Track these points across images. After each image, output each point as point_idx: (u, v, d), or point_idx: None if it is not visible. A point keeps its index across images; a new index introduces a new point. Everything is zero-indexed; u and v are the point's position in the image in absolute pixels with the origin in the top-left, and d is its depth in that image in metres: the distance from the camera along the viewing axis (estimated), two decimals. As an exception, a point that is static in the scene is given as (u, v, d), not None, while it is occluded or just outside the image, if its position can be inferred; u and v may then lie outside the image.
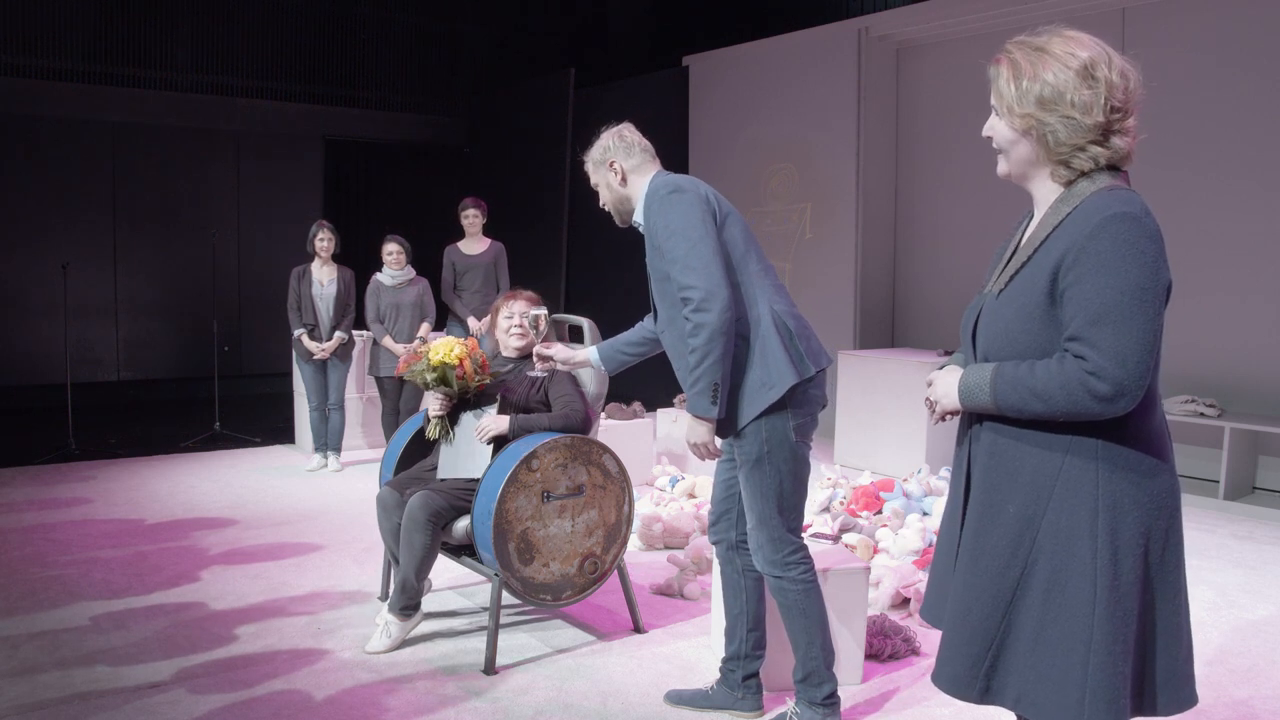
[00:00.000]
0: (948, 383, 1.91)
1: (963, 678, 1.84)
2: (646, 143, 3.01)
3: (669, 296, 2.83)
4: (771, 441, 2.77)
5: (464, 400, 3.76)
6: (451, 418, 3.77)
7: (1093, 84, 1.74)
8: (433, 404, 3.74)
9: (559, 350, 3.32)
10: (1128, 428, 1.74)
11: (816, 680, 2.86)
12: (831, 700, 2.87)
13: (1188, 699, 1.80)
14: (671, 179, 2.89)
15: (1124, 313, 1.66)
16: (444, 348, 3.63)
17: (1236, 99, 6.13)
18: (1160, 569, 1.76)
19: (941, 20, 7.52)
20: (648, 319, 3.11)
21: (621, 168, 2.96)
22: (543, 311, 3.69)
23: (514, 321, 3.89)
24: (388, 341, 6.43)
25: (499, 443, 3.60)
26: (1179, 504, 1.80)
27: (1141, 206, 1.70)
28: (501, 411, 3.66)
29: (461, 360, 3.62)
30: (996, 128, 1.85)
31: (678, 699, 3.14)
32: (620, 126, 3.02)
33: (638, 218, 2.97)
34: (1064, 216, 1.75)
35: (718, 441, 2.87)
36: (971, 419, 1.94)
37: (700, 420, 2.76)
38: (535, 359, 3.41)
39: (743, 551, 3.01)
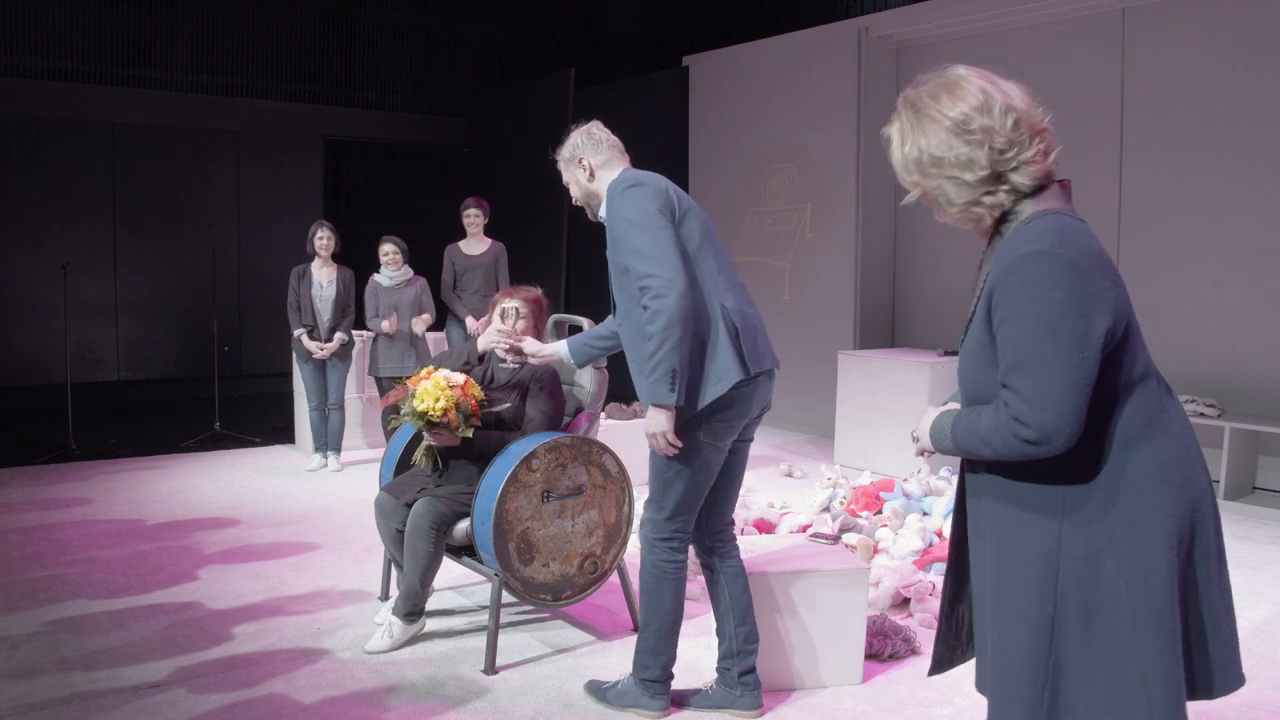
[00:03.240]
0: (926, 423, 1.90)
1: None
2: (615, 139, 3.07)
3: (627, 290, 2.87)
4: (681, 431, 2.81)
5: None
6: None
7: (969, 137, 1.71)
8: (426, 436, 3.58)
9: (529, 343, 3.41)
10: (1133, 431, 1.71)
11: (643, 662, 3.02)
12: (652, 685, 3.03)
13: (1234, 679, 1.78)
14: (633, 174, 2.95)
15: (1036, 356, 1.64)
16: (429, 396, 3.39)
17: (1236, 99, 6.13)
18: (1196, 562, 1.72)
19: (941, 20, 7.51)
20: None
21: (590, 164, 3.02)
22: (516, 304, 3.73)
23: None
24: (386, 325, 6.38)
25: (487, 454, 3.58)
26: (1203, 493, 1.74)
27: (1054, 236, 1.65)
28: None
29: (447, 411, 3.40)
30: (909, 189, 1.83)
31: (677, 699, 3.14)
32: (589, 125, 3.08)
33: (602, 212, 3.02)
34: (996, 258, 1.74)
35: None
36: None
37: (659, 409, 2.78)
38: (506, 351, 3.48)
39: (718, 549, 3.08)
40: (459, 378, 3.50)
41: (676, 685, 3.27)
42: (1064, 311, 1.63)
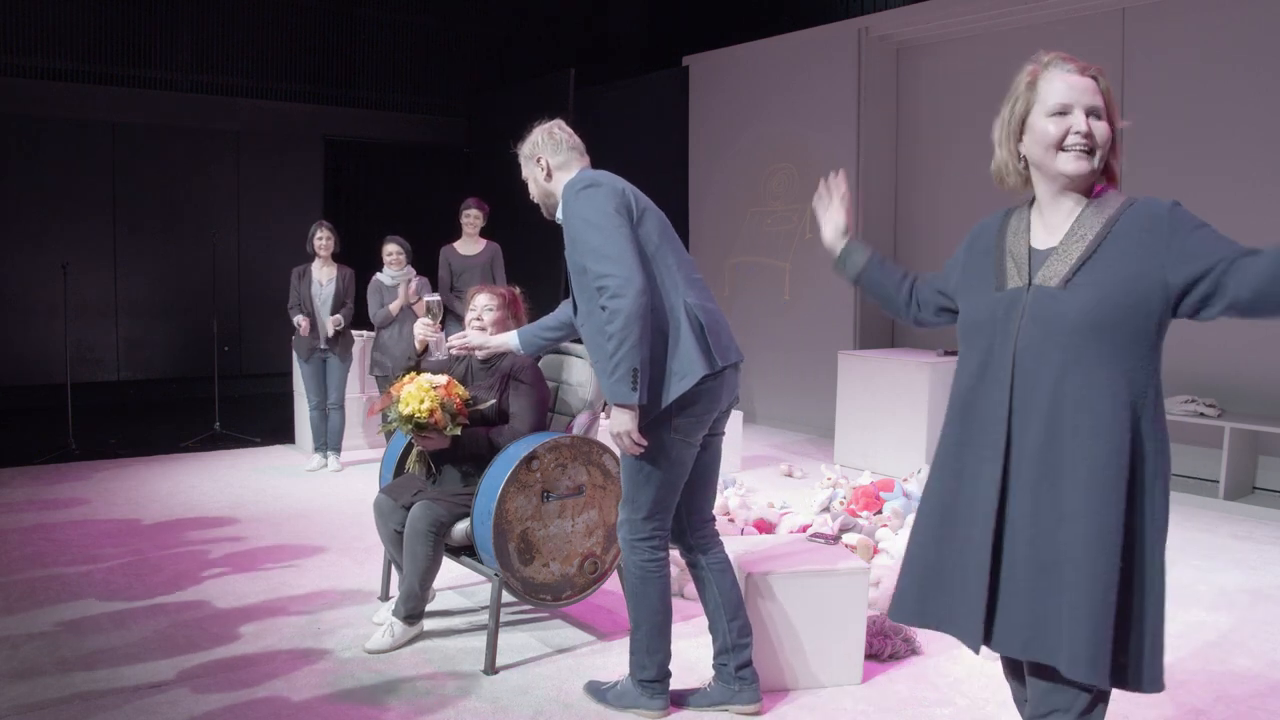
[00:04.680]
0: None
1: (1098, 658, 1.84)
2: (576, 140, 3.09)
3: (586, 289, 2.88)
4: (648, 430, 2.83)
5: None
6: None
7: None
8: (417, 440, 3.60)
9: (473, 335, 3.48)
10: (1162, 418, 1.92)
11: (639, 662, 3.02)
12: (650, 685, 3.02)
13: (1161, 680, 1.89)
14: (589, 174, 2.97)
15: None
16: (413, 399, 3.41)
17: (1237, 99, 6.12)
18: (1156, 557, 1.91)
19: (941, 20, 7.51)
20: (567, 304, 3.20)
21: (548, 163, 3.05)
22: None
23: (474, 315, 3.82)
24: (395, 305, 6.39)
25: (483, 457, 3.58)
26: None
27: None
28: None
29: (433, 412, 3.42)
30: (1101, 128, 1.99)
31: (677, 699, 3.14)
32: (551, 124, 3.11)
33: (559, 213, 3.02)
34: (1116, 210, 1.97)
35: None
36: (1029, 394, 1.94)
37: (623, 409, 2.79)
38: (449, 344, 3.52)
39: (700, 545, 3.09)
40: (441, 379, 3.53)
41: (676, 686, 3.28)
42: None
